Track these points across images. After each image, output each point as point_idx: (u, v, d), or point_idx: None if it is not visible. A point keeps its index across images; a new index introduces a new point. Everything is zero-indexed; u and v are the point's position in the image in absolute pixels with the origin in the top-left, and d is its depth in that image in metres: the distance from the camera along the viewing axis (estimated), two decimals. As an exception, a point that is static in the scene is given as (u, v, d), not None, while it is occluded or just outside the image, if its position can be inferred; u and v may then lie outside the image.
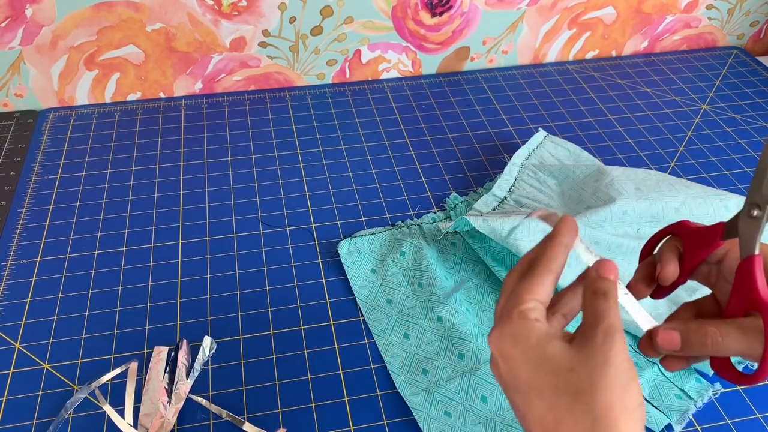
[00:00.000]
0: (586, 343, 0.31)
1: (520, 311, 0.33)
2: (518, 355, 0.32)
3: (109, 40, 0.77)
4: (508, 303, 0.34)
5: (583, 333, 0.32)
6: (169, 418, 0.48)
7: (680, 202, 0.60)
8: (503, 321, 0.34)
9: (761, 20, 0.97)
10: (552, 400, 0.31)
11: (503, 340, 0.33)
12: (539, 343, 0.32)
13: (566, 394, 0.30)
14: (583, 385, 0.30)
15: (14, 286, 0.59)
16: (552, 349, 0.31)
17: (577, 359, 0.31)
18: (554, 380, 0.31)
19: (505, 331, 0.33)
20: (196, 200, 0.68)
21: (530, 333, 0.32)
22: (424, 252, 0.60)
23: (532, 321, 0.33)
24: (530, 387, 0.32)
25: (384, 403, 0.50)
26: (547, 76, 0.89)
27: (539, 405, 0.31)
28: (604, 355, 0.30)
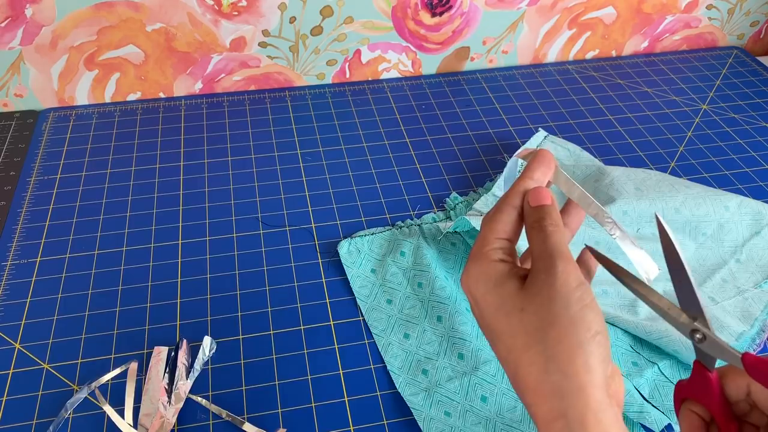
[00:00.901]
0: (532, 281, 0.31)
1: (484, 252, 0.33)
2: (481, 297, 0.32)
3: (109, 40, 0.77)
4: (475, 244, 0.34)
5: (531, 270, 0.31)
6: (169, 418, 0.48)
7: (680, 202, 0.60)
8: (470, 262, 0.33)
9: (761, 20, 0.97)
10: (510, 342, 0.30)
11: (470, 282, 0.33)
12: (497, 284, 0.31)
13: (520, 334, 0.30)
14: (532, 324, 0.29)
15: (14, 286, 0.59)
16: (507, 289, 0.31)
17: (526, 298, 0.30)
18: (509, 321, 0.30)
19: (471, 272, 0.33)
20: (196, 200, 0.68)
21: (491, 274, 0.32)
22: (424, 252, 0.60)
23: (494, 262, 0.32)
24: (492, 329, 0.32)
25: (384, 403, 0.50)
26: (547, 76, 0.89)
27: (500, 347, 0.31)
28: (548, 289, 0.30)
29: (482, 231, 0.34)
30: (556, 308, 0.29)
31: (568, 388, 0.28)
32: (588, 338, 0.28)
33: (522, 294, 0.31)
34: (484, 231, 0.34)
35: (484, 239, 0.34)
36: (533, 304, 0.30)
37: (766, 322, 0.55)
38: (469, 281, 0.33)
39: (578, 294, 0.29)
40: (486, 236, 0.34)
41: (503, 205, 0.35)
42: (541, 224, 0.32)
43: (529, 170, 0.35)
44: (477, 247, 0.34)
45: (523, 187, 0.35)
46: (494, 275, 0.32)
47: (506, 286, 0.31)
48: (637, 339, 0.54)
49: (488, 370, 0.52)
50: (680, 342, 0.51)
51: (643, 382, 0.51)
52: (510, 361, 0.30)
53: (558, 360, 0.28)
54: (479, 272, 0.32)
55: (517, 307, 0.30)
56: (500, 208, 0.34)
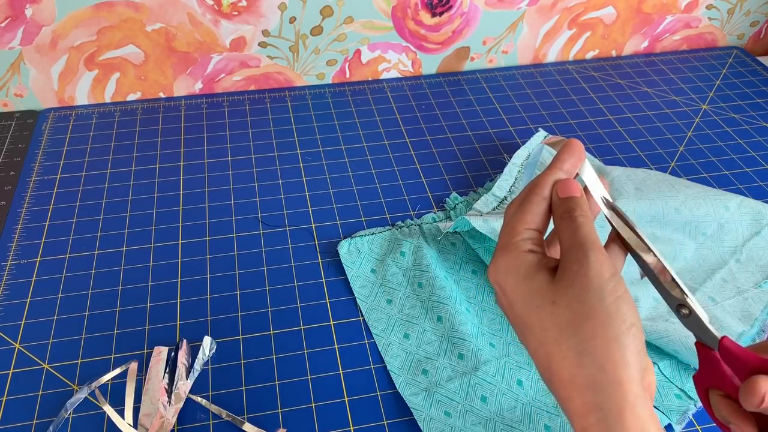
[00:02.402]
0: (563, 273, 0.30)
1: (513, 243, 0.32)
2: (510, 289, 0.31)
3: (109, 40, 0.77)
4: (503, 234, 0.33)
5: (561, 262, 0.30)
6: (169, 418, 0.48)
7: (680, 202, 0.60)
8: (498, 254, 0.32)
9: (761, 20, 0.97)
10: (540, 336, 0.30)
11: (498, 274, 0.32)
12: (527, 276, 0.31)
13: (552, 328, 0.29)
14: (565, 317, 0.29)
15: (14, 286, 0.59)
16: (537, 281, 0.30)
17: (558, 291, 0.29)
18: (539, 315, 0.30)
19: (500, 264, 0.32)
20: (196, 200, 0.68)
21: (520, 266, 0.31)
22: (424, 252, 0.60)
23: (523, 253, 0.31)
24: (522, 322, 0.31)
25: (384, 403, 0.50)
26: (547, 76, 0.89)
27: (531, 340, 0.31)
28: (581, 281, 0.29)
29: (509, 221, 0.33)
30: (590, 301, 0.28)
31: (605, 381, 0.27)
32: (623, 331, 0.28)
33: (553, 286, 0.30)
34: (512, 221, 0.33)
35: (512, 229, 0.33)
36: (566, 297, 0.29)
37: (766, 322, 0.55)
38: (497, 273, 0.32)
39: (612, 285, 0.29)
40: (515, 226, 0.33)
41: (532, 195, 0.33)
42: (572, 215, 0.32)
43: (558, 161, 0.34)
44: (505, 237, 0.33)
45: (553, 178, 0.34)
46: (524, 266, 0.31)
47: (536, 278, 0.30)
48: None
49: (488, 370, 0.52)
50: (680, 342, 0.51)
51: (643, 382, 0.51)
52: (541, 355, 0.30)
53: (594, 354, 0.28)
54: (508, 263, 0.32)
55: (548, 299, 0.30)
56: (529, 198, 0.33)
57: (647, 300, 0.56)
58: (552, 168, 0.34)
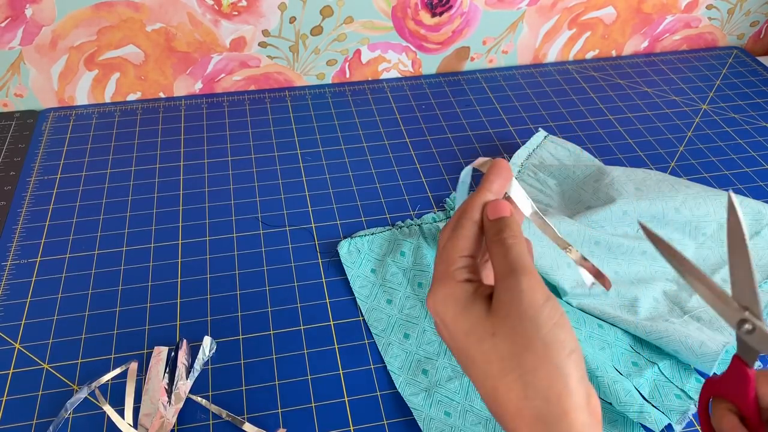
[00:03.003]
0: (498, 303, 0.29)
1: (449, 272, 0.31)
2: (450, 322, 0.31)
3: (109, 40, 0.77)
4: (438, 264, 0.32)
5: (496, 291, 0.30)
6: (169, 418, 0.48)
7: (680, 202, 0.60)
8: (435, 284, 0.32)
9: (761, 20, 0.97)
10: (484, 368, 0.29)
11: (437, 305, 0.31)
12: (466, 307, 0.30)
13: (495, 360, 0.28)
14: (506, 349, 0.28)
15: (14, 286, 0.59)
16: (476, 313, 0.30)
17: (496, 322, 0.29)
18: (481, 347, 0.29)
19: (438, 295, 0.31)
20: (196, 200, 0.68)
21: (458, 297, 0.30)
22: (424, 252, 0.60)
23: (460, 283, 0.31)
24: (465, 354, 0.30)
25: (384, 403, 0.50)
26: (547, 76, 0.89)
27: (475, 372, 0.30)
28: (516, 311, 0.28)
29: (444, 249, 0.32)
30: (527, 331, 0.28)
31: (552, 413, 0.27)
32: (564, 358, 0.28)
33: (492, 317, 0.29)
34: (446, 249, 0.32)
35: (447, 257, 0.32)
36: (504, 328, 0.28)
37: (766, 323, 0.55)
38: (436, 304, 0.31)
39: (546, 311, 0.28)
40: (449, 254, 0.32)
41: (462, 220, 0.33)
42: (501, 237, 0.31)
43: (487, 182, 0.34)
44: (441, 266, 0.32)
45: (482, 200, 0.33)
46: (462, 297, 0.30)
47: (474, 310, 0.30)
48: (637, 339, 0.54)
49: (488, 370, 0.51)
50: (680, 342, 0.51)
51: (643, 382, 0.51)
52: (487, 388, 0.29)
53: (537, 386, 0.27)
54: (446, 294, 0.31)
55: (488, 332, 0.29)
56: (460, 223, 0.33)
57: (647, 300, 0.56)
58: (480, 190, 0.34)
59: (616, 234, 0.59)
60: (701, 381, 0.51)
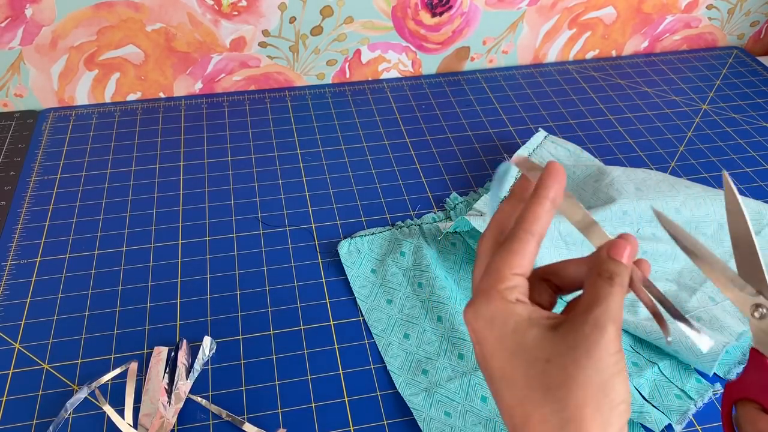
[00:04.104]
0: (571, 331, 0.27)
1: (500, 291, 0.29)
2: (494, 341, 0.29)
3: (109, 40, 0.77)
4: (486, 278, 0.30)
5: (573, 319, 0.28)
6: (169, 418, 0.48)
7: (680, 202, 0.60)
8: (480, 299, 0.29)
9: (761, 20, 0.97)
10: (524, 393, 0.27)
11: (479, 322, 0.29)
12: (517, 330, 0.28)
13: (538, 388, 0.27)
14: (557, 379, 0.27)
15: (14, 286, 0.59)
16: (531, 336, 0.28)
17: (556, 349, 0.27)
18: (527, 371, 0.27)
19: (482, 311, 0.29)
20: (196, 200, 0.68)
21: (509, 317, 0.28)
22: (424, 252, 0.60)
23: (513, 304, 0.29)
24: (503, 376, 0.28)
25: (384, 403, 0.50)
26: (547, 76, 0.89)
27: (509, 396, 0.28)
28: (587, 346, 0.27)
29: (493, 262, 0.30)
30: (589, 368, 0.26)
31: None
32: (613, 407, 0.27)
33: (551, 344, 0.28)
34: (496, 263, 0.30)
35: (497, 273, 0.29)
36: (564, 358, 0.27)
37: None
38: (477, 321, 0.29)
39: (614, 360, 0.27)
40: (500, 270, 0.29)
41: (520, 233, 0.30)
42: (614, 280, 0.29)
43: (544, 188, 0.31)
44: (489, 281, 0.29)
45: (543, 211, 0.30)
46: (513, 320, 0.28)
47: (529, 334, 0.28)
48: (637, 339, 0.54)
49: (488, 370, 0.51)
50: (680, 342, 0.51)
51: (643, 382, 0.51)
52: (517, 412, 0.28)
53: (576, 425, 0.26)
54: (493, 314, 0.29)
55: (543, 357, 0.27)
56: (517, 236, 0.30)
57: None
58: (539, 198, 0.31)
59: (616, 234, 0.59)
60: (701, 381, 0.52)
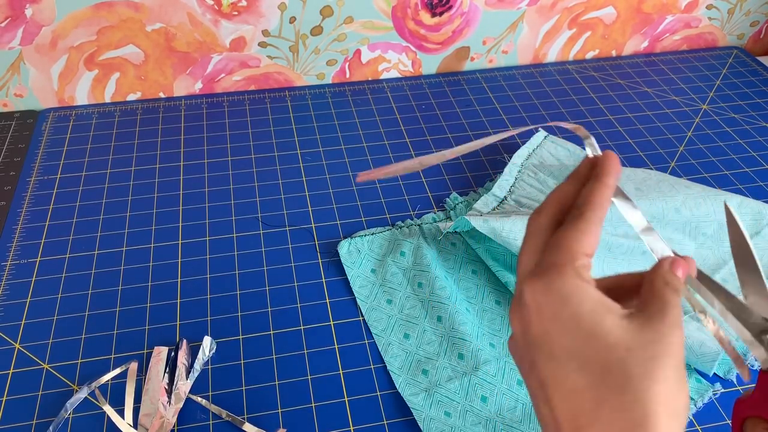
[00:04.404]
0: (648, 327, 0.27)
1: (575, 268, 0.28)
2: (566, 318, 0.28)
3: (109, 40, 0.77)
4: (556, 253, 0.29)
5: (649, 317, 0.28)
6: (169, 418, 0.48)
7: (680, 202, 0.60)
8: (552, 273, 0.28)
9: (761, 20, 0.97)
10: (598, 377, 0.27)
11: (549, 296, 0.28)
12: (594, 313, 0.28)
13: (620, 376, 0.26)
14: (638, 369, 0.26)
15: (14, 286, 0.59)
16: (609, 321, 0.27)
17: (635, 341, 0.27)
18: (606, 356, 0.27)
19: (556, 286, 0.28)
20: (196, 200, 0.68)
21: (585, 297, 0.28)
22: (424, 252, 0.60)
23: (588, 284, 0.28)
24: (573, 356, 0.28)
25: (384, 403, 0.50)
26: (547, 76, 0.89)
27: (578, 378, 0.27)
28: (667, 345, 0.27)
29: (565, 239, 0.29)
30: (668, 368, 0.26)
31: None
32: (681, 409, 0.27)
33: (630, 334, 0.27)
34: (568, 240, 0.29)
35: (570, 251, 0.29)
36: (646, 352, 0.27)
37: (766, 322, 0.55)
38: (547, 295, 0.28)
39: (684, 367, 0.27)
40: (572, 247, 0.29)
41: (590, 213, 0.30)
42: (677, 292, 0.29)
43: (605, 176, 0.31)
44: (560, 257, 0.29)
45: (608, 195, 0.31)
46: (590, 300, 0.28)
47: (606, 318, 0.28)
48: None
49: (488, 370, 0.51)
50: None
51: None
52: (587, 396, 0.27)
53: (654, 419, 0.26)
54: (569, 290, 0.28)
55: (621, 345, 0.27)
56: (586, 216, 0.30)
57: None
58: (602, 184, 0.31)
59: (616, 234, 0.59)
60: (701, 381, 0.52)
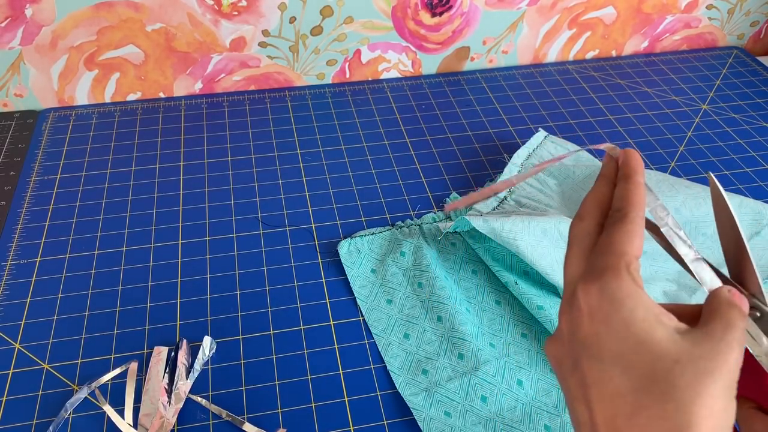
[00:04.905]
0: (706, 343, 0.27)
1: (631, 272, 0.28)
2: (617, 323, 0.28)
3: (109, 40, 0.77)
4: (608, 255, 0.29)
5: (707, 333, 0.28)
6: (169, 418, 0.48)
7: (680, 202, 0.60)
8: (607, 277, 0.28)
9: (761, 20, 0.97)
10: (642, 384, 0.27)
11: (603, 299, 0.28)
12: (645, 320, 0.27)
13: (662, 382, 0.26)
14: (683, 380, 0.26)
15: (14, 286, 0.59)
16: (661, 330, 0.27)
17: (687, 354, 0.27)
18: (652, 364, 0.27)
19: (610, 289, 0.28)
20: (196, 200, 0.68)
21: (638, 304, 0.28)
22: (424, 252, 0.60)
23: (641, 290, 0.28)
24: (619, 360, 0.27)
25: (384, 403, 0.50)
26: (547, 76, 0.89)
27: (622, 382, 0.27)
28: (722, 363, 0.26)
29: (615, 242, 0.29)
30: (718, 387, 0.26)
31: None
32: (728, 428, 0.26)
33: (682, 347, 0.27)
34: (619, 242, 0.29)
35: (623, 254, 0.29)
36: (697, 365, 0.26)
37: None
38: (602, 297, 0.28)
39: (735, 386, 0.27)
40: (625, 250, 0.29)
41: (633, 214, 0.30)
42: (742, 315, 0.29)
43: (636, 174, 0.32)
44: (613, 259, 0.29)
45: (642, 195, 0.31)
46: (643, 307, 0.28)
47: (658, 328, 0.27)
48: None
49: (488, 370, 0.52)
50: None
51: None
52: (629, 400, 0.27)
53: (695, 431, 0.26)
54: (624, 294, 0.28)
55: (671, 356, 0.27)
56: (630, 217, 0.30)
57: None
58: (636, 183, 0.31)
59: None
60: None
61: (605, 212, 0.32)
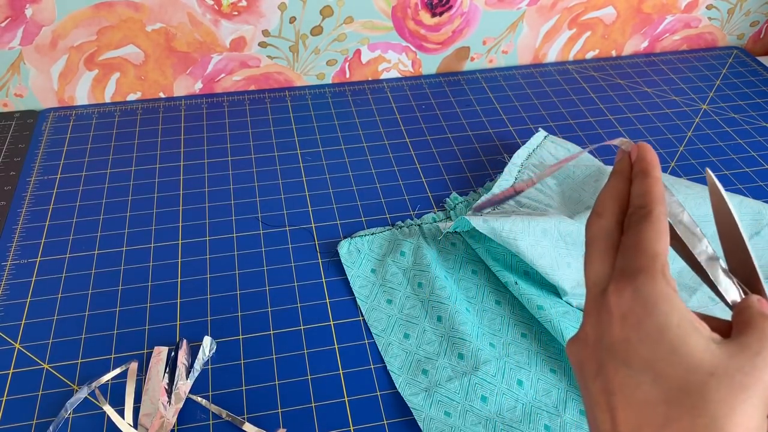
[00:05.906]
0: (743, 357, 0.26)
1: (664, 273, 0.27)
2: (650, 328, 0.27)
3: (109, 40, 0.77)
4: (639, 256, 0.28)
5: (743, 346, 0.27)
6: (169, 418, 0.48)
7: (680, 202, 0.60)
8: (641, 278, 0.27)
9: (761, 20, 0.97)
10: (673, 395, 0.26)
11: (637, 303, 0.27)
12: (680, 328, 0.26)
13: (695, 396, 0.25)
14: (718, 395, 0.25)
15: (14, 286, 0.59)
16: (695, 341, 0.26)
17: (722, 366, 0.26)
18: (686, 376, 0.26)
19: (645, 292, 0.27)
20: (196, 200, 0.68)
21: (673, 309, 0.27)
22: (424, 252, 0.60)
23: (675, 293, 0.27)
24: (650, 367, 0.26)
25: (384, 403, 0.50)
26: (547, 76, 0.89)
27: (650, 390, 0.26)
28: (758, 379, 0.25)
29: (644, 241, 0.28)
30: (751, 405, 0.25)
31: None
32: None
33: (717, 359, 0.26)
34: (648, 242, 0.28)
35: (654, 254, 0.28)
36: (733, 379, 0.25)
37: None
38: (636, 300, 0.27)
39: None
40: (656, 250, 0.28)
41: (660, 213, 0.29)
42: None
43: (653, 168, 0.31)
44: (644, 260, 0.28)
45: (662, 189, 0.30)
46: (677, 313, 0.26)
47: (692, 337, 0.26)
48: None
49: (488, 370, 0.52)
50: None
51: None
52: (659, 410, 0.26)
53: None
54: (658, 297, 0.27)
55: (705, 368, 0.26)
56: (657, 217, 0.29)
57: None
58: (654, 178, 0.31)
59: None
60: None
61: (623, 209, 0.31)
